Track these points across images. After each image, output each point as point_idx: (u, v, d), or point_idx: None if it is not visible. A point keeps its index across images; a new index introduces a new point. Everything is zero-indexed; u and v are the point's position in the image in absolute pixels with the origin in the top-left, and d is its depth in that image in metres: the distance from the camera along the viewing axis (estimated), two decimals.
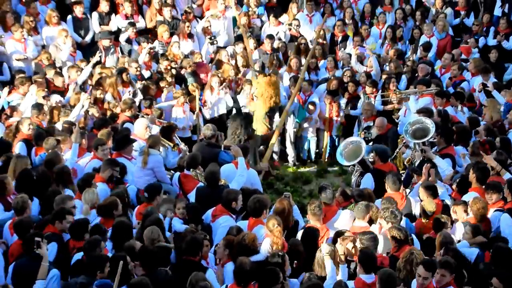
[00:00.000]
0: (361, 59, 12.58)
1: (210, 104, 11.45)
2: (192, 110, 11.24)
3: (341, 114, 11.71)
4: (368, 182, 8.50)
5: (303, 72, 11.69)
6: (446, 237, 6.63)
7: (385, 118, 10.52)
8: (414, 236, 6.97)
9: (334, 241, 6.80)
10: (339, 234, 6.83)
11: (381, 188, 8.17)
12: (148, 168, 8.45)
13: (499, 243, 6.60)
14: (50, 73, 10.83)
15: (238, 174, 8.02)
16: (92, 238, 6.37)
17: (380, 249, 6.80)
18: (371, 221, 7.28)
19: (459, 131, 9.39)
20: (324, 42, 13.23)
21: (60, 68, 11.48)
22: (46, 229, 6.71)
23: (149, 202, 7.58)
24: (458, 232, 7.05)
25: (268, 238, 6.70)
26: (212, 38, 12.57)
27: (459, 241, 6.91)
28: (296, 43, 12.99)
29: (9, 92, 10.39)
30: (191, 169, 8.38)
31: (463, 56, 12.75)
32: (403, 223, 7.13)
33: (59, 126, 9.58)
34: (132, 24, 12.43)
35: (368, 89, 11.64)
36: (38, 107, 9.65)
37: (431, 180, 7.90)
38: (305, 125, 11.84)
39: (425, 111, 9.81)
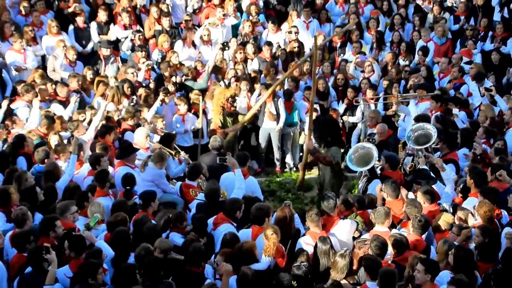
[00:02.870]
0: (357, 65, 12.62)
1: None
2: (196, 113, 11.24)
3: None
4: (376, 188, 8.36)
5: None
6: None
7: (386, 125, 10.49)
8: (432, 248, 6.88)
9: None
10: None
11: None
12: (148, 181, 8.45)
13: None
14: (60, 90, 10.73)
15: (236, 187, 7.96)
16: (93, 250, 6.34)
17: None
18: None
19: (464, 135, 9.37)
20: (324, 48, 13.24)
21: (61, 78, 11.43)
22: (39, 242, 6.55)
23: (144, 209, 7.52)
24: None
25: None
26: (225, 44, 12.54)
27: None
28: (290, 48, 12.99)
29: (13, 100, 10.34)
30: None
31: (465, 59, 12.69)
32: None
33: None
34: (138, 31, 12.44)
35: (369, 93, 11.68)
36: (50, 118, 9.57)
37: None
38: None
39: (422, 119, 9.74)
